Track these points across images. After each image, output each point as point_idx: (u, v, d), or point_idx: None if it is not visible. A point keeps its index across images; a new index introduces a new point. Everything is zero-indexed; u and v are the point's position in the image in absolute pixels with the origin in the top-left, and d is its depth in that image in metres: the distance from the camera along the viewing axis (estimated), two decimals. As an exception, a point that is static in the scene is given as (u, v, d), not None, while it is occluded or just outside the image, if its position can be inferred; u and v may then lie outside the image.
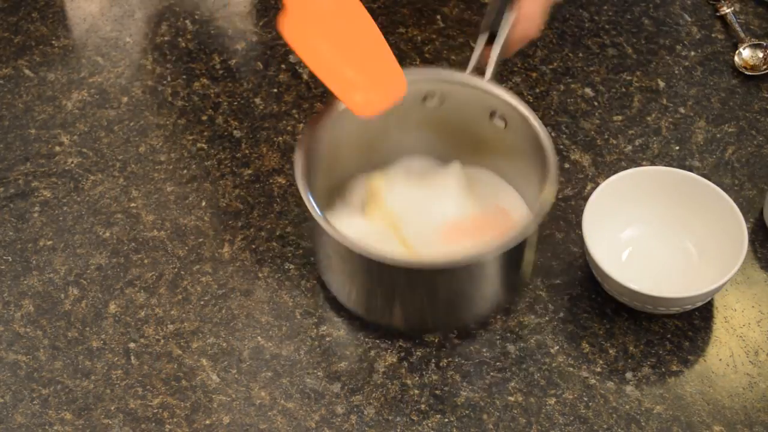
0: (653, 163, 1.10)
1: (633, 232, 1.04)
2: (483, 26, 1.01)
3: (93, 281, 1.03)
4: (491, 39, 1.01)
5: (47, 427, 0.95)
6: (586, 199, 1.01)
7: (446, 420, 0.96)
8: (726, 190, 1.03)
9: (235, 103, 1.14)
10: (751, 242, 1.05)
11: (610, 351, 0.99)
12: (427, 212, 1.01)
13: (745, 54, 1.17)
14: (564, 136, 1.12)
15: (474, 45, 1.17)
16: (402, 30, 1.19)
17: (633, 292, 0.97)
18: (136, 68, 1.17)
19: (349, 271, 0.98)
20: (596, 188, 1.01)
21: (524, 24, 1.00)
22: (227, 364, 0.98)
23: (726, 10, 1.20)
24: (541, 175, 0.96)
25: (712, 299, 1.02)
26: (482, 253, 0.94)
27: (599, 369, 0.98)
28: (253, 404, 0.97)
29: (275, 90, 1.15)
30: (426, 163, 1.07)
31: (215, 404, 0.96)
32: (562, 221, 1.07)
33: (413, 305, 0.98)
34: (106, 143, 1.11)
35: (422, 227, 1.01)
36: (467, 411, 0.96)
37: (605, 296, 1.02)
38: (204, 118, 1.13)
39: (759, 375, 0.98)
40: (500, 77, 1.15)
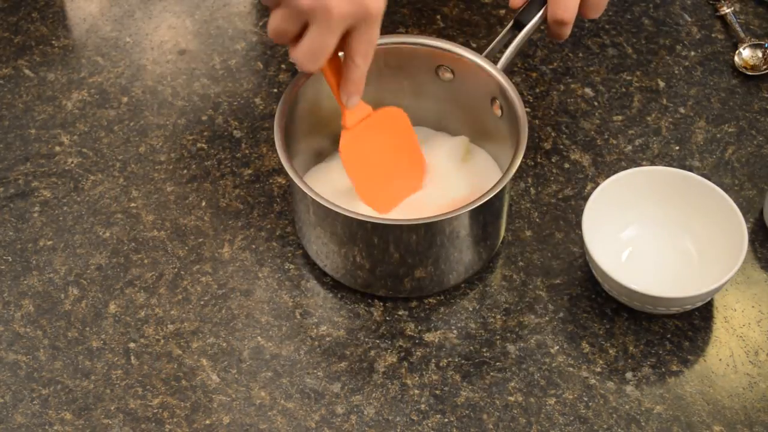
0: (653, 163, 1.10)
1: (633, 232, 1.04)
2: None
3: (93, 281, 1.03)
4: (519, 27, 1.02)
5: (47, 427, 0.95)
6: (586, 199, 1.01)
7: (446, 420, 0.96)
8: (726, 190, 1.03)
9: (235, 103, 1.14)
10: (751, 242, 1.05)
11: (610, 351, 0.99)
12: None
13: (745, 54, 1.17)
14: (564, 136, 1.12)
15: (474, 45, 1.18)
16: (402, 30, 1.19)
17: (633, 292, 0.97)
18: (136, 68, 1.17)
19: (323, 229, 0.99)
20: (596, 188, 1.01)
21: (556, 7, 1.00)
22: (227, 364, 0.98)
23: (726, 10, 1.20)
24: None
25: (712, 299, 1.02)
26: (452, 212, 0.95)
27: (599, 369, 0.98)
28: (253, 404, 0.96)
29: (275, 90, 1.15)
30: (431, 133, 1.08)
31: (215, 404, 0.96)
32: (562, 221, 1.07)
33: (388, 266, 0.98)
34: (106, 143, 1.11)
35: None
36: (467, 411, 0.96)
37: (605, 296, 1.02)
38: (204, 118, 1.13)
39: (759, 375, 0.98)
40: (511, 70, 1.15)
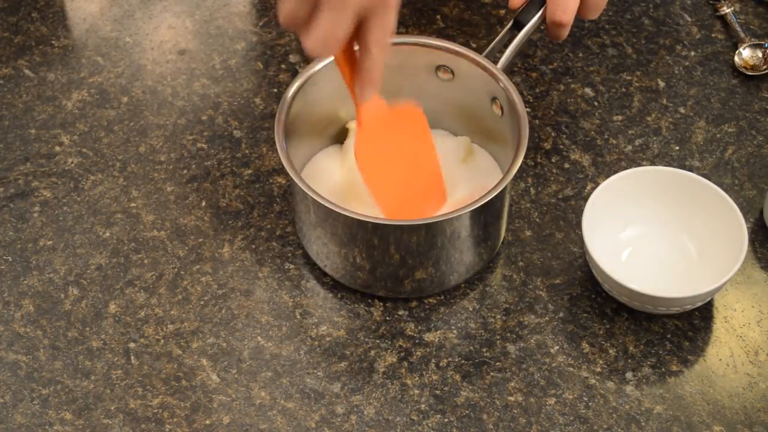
0: (653, 163, 1.10)
1: (633, 232, 1.04)
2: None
3: (93, 281, 1.03)
4: (518, 28, 1.02)
5: (47, 427, 0.95)
6: (586, 199, 1.01)
7: (446, 420, 0.96)
8: (726, 190, 1.03)
9: (235, 103, 1.14)
10: (751, 242, 1.05)
11: (610, 351, 0.99)
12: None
13: (745, 54, 1.17)
14: (564, 136, 1.12)
15: (474, 45, 1.18)
16: (402, 30, 1.19)
17: (633, 292, 0.97)
18: (136, 68, 1.17)
19: (323, 230, 0.98)
20: (596, 188, 1.01)
21: (555, 9, 1.00)
22: (227, 364, 0.98)
23: (726, 10, 1.20)
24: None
25: (712, 299, 1.02)
26: (452, 212, 0.95)
27: (599, 369, 0.98)
28: (253, 404, 0.96)
29: (275, 90, 1.15)
30: (433, 132, 1.08)
31: (215, 404, 0.96)
32: (562, 221, 1.07)
33: (388, 267, 0.98)
34: (106, 143, 1.11)
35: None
36: (467, 411, 0.96)
37: (605, 296, 1.02)
38: (204, 118, 1.13)
39: (759, 375, 0.98)
40: (511, 70, 1.15)
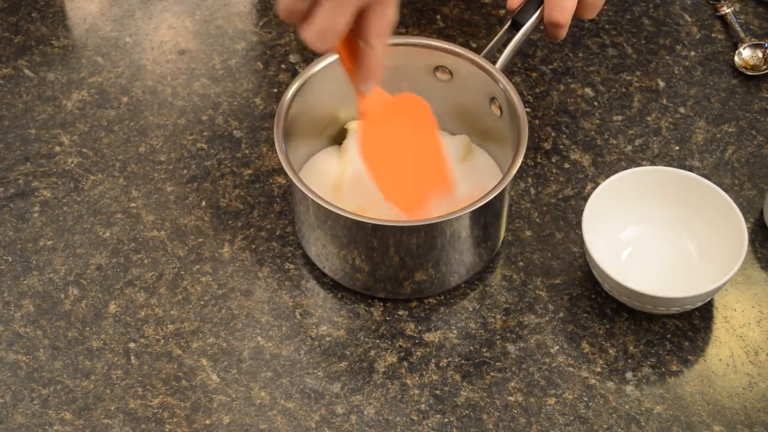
0: (653, 163, 1.10)
1: (633, 232, 1.04)
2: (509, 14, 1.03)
3: (93, 281, 1.03)
4: (516, 28, 1.02)
5: (47, 427, 0.95)
6: (586, 199, 1.01)
7: (446, 420, 0.96)
8: (726, 190, 1.03)
9: (235, 103, 1.14)
10: (751, 242, 1.05)
11: (610, 351, 0.99)
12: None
13: (745, 54, 1.17)
14: (564, 136, 1.12)
15: (474, 45, 1.18)
16: (402, 30, 1.19)
17: (633, 292, 0.97)
18: (136, 68, 1.17)
19: (323, 231, 0.98)
20: (596, 188, 1.01)
21: (552, 9, 1.00)
22: (227, 364, 0.98)
23: (726, 10, 1.20)
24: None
25: (712, 299, 1.02)
26: (452, 213, 0.95)
27: (599, 369, 0.98)
28: (253, 404, 0.96)
29: (275, 90, 1.15)
30: None
31: (215, 404, 0.96)
32: (562, 221, 1.07)
33: (388, 269, 0.98)
34: (106, 143, 1.11)
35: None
36: (467, 411, 0.96)
37: (605, 296, 1.02)
38: (204, 118, 1.13)
39: (759, 375, 0.98)
40: (511, 70, 1.15)
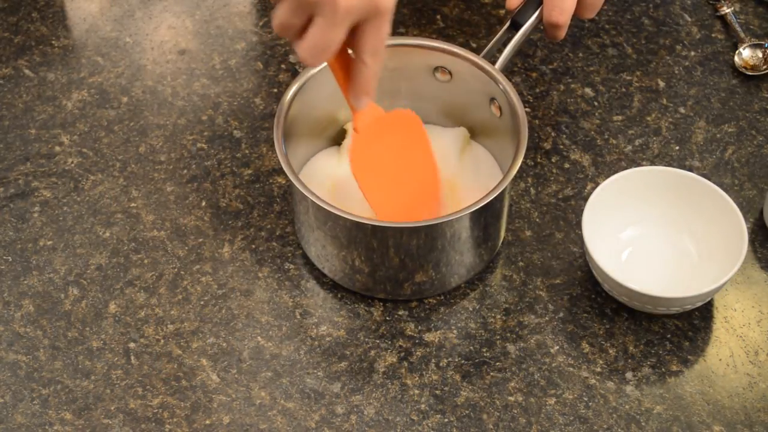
0: (653, 163, 1.10)
1: (633, 232, 1.04)
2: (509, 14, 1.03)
3: (93, 281, 1.03)
4: (516, 28, 1.02)
5: (47, 427, 0.95)
6: (586, 199, 1.01)
7: (446, 420, 0.96)
8: (726, 190, 1.03)
9: (235, 103, 1.14)
10: (751, 242, 1.05)
11: (610, 351, 0.99)
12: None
13: (745, 54, 1.17)
14: (564, 136, 1.12)
15: (474, 45, 1.18)
16: (402, 30, 1.19)
17: (633, 292, 0.97)
18: (136, 68, 1.17)
19: (322, 232, 0.98)
20: (596, 188, 1.01)
21: (552, 9, 1.00)
22: (227, 364, 0.98)
23: (726, 10, 1.20)
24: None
25: (712, 299, 1.02)
26: (452, 214, 0.95)
27: (599, 369, 0.98)
28: (253, 404, 0.96)
29: (275, 90, 1.15)
30: (429, 128, 1.07)
31: (215, 404, 0.96)
32: (562, 221, 1.07)
33: (388, 270, 0.98)
34: (106, 143, 1.11)
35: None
36: (467, 411, 0.96)
37: (605, 296, 1.02)
38: (204, 118, 1.13)
39: (759, 375, 0.98)
40: (511, 70, 1.15)
